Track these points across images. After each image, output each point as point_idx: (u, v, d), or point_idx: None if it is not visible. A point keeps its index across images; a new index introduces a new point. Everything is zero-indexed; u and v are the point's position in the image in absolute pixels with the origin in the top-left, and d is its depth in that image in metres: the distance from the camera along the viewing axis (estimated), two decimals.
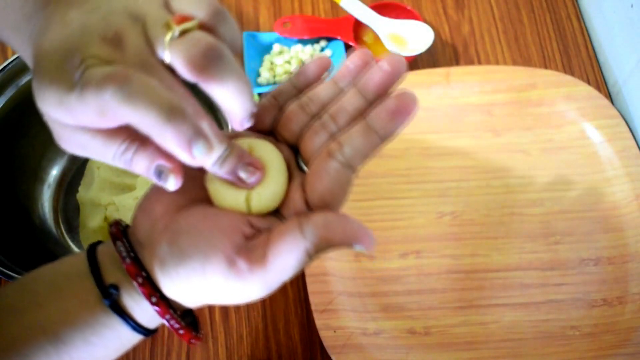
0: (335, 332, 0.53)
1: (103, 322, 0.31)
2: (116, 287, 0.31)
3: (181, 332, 0.33)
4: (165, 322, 0.32)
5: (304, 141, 0.33)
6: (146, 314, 0.32)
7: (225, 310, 0.56)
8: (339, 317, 0.54)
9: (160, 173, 0.29)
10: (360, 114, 0.32)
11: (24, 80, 0.57)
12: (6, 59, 0.57)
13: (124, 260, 0.31)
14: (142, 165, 0.29)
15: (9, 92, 0.57)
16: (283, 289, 0.57)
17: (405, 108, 0.30)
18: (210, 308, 0.56)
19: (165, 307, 0.31)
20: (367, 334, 0.54)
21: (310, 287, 0.54)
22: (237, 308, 0.56)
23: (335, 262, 0.56)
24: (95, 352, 0.32)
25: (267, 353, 0.55)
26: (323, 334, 0.53)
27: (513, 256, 0.58)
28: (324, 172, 0.30)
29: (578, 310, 0.56)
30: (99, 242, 0.34)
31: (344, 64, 0.34)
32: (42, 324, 0.31)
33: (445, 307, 0.56)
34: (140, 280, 0.31)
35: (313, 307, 0.54)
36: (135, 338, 0.33)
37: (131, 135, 0.29)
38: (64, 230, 0.60)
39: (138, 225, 0.33)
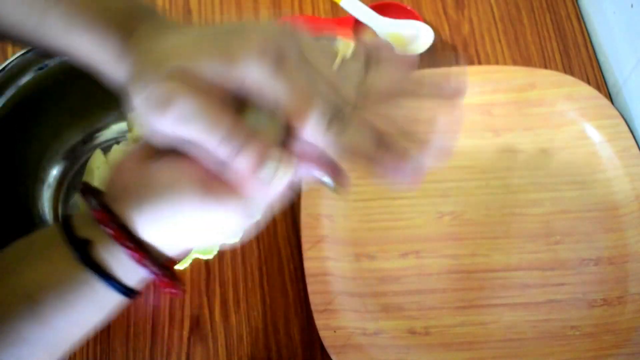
0: (335, 332, 0.53)
1: (79, 280, 0.31)
2: (87, 241, 0.31)
3: (160, 277, 0.32)
4: (141, 267, 0.31)
5: None
6: (125, 270, 0.31)
7: (225, 310, 0.56)
8: (339, 317, 0.54)
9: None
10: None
11: (24, 80, 0.57)
12: (6, 58, 0.57)
13: (94, 210, 0.31)
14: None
15: (9, 92, 0.57)
16: (283, 289, 0.57)
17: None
18: (210, 308, 0.56)
19: (141, 252, 0.31)
20: (367, 334, 0.54)
21: (310, 287, 0.54)
22: (237, 308, 0.56)
23: (335, 262, 0.56)
24: (73, 315, 0.31)
25: (267, 353, 0.55)
26: (323, 334, 0.53)
27: (513, 256, 0.58)
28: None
29: (578, 310, 0.56)
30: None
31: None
32: (16, 289, 0.30)
33: (445, 307, 0.56)
34: (111, 226, 0.30)
35: (313, 307, 0.54)
36: (114, 299, 0.32)
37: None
38: None
39: (112, 186, 0.32)
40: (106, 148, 0.63)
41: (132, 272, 0.31)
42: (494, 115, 0.65)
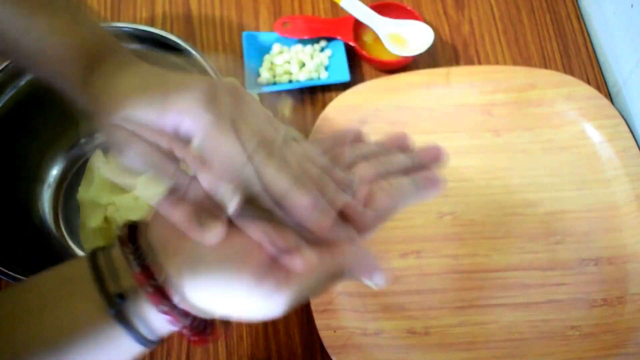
0: (335, 332, 0.53)
1: (106, 333, 0.30)
2: (122, 297, 0.30)
3: (191, 336, 0.32)
4: (175, 327, 0.31)
5: (356, 168, 0.36)
6: (152, 324, 0.31)
7: None
8: (339, 317, 0.54)
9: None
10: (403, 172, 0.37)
11: (24, 80, 0.57)
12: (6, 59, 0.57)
13: (133, 268, 0.30)
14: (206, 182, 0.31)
15: (9, 92, 0.57)
16: None
17: (438, 183, 0.37)
18: None
19: (176, 316, 0.31)
20: (367, 334, 0.54)
21: None
22: None
23: None
24: None
25: (267, 353, 0.55)
26: (323, 334, 0.53)
27: (513, 256, 0.58)
28: (383, 195, 0.36)
29: (578, 310, 0.56)
30: (102, 248, 0.33)
31: (388, 138, 0.39)
32: (41, 333, 0.30)
33: (445, 307, 0.56)
34: (150, 289, 0.30)
35: (313, 307, 0.54)
36: (138, 350, 0.32)
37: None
38: (64, 231, 0.60)
39: (155, 227, 0.32)
40: (106, 148, 0.63)
41: (160, 328, 0.32)
42: (494, 115, 0.65)
